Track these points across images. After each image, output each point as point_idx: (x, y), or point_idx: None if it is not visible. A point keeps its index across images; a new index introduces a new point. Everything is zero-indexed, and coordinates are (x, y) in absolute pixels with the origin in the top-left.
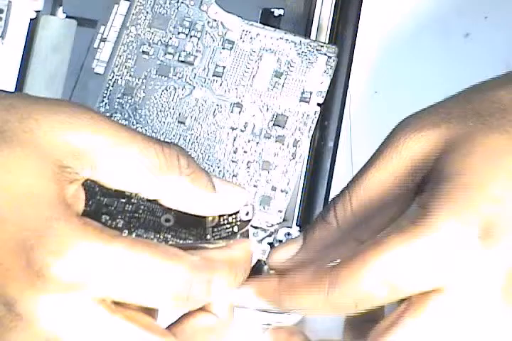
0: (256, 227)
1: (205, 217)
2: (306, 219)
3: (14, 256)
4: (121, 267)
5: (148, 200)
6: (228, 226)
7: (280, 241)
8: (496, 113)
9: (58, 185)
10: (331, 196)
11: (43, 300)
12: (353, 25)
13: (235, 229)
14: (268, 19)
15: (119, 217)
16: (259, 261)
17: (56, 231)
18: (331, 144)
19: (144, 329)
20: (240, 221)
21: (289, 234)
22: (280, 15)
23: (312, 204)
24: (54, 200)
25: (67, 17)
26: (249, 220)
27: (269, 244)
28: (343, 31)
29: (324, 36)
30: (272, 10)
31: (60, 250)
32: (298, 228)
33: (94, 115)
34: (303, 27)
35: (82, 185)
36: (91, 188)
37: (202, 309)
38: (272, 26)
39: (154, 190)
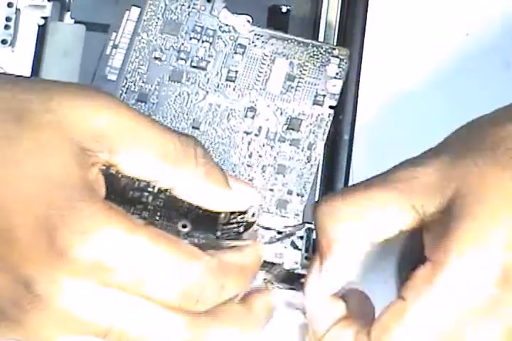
0: (269, 229)
1: (218, 217)
2: None
3: (35, 234)
4: (140, 257)
5: (165, 206)
6: (236, 225)
7: (294, 246)
8: (500, 147)
9: (81, 167)
10: None
11: (62, 280)
12: (361, 24)
13: (241, 229)
14: (275, 16)
15: None
16: (279, 265)
17: (80, 213)
18: (346, 137)
19: (164, 308)
20: (246, 221)
21: (310, 229)
22: (288, 10)
23: None
24: (78, 182)
25: (75, 22)
26: (254, 222)
27: (286, 247)
28: (352, 30)
29: (333, 35)
30: (280, 7)
31: (84, 231)
32: None
33: (114, 100)
34: (311, 26)
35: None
36: (107, 194)
37: None
38: (280, 26)
39: (169, 178)
